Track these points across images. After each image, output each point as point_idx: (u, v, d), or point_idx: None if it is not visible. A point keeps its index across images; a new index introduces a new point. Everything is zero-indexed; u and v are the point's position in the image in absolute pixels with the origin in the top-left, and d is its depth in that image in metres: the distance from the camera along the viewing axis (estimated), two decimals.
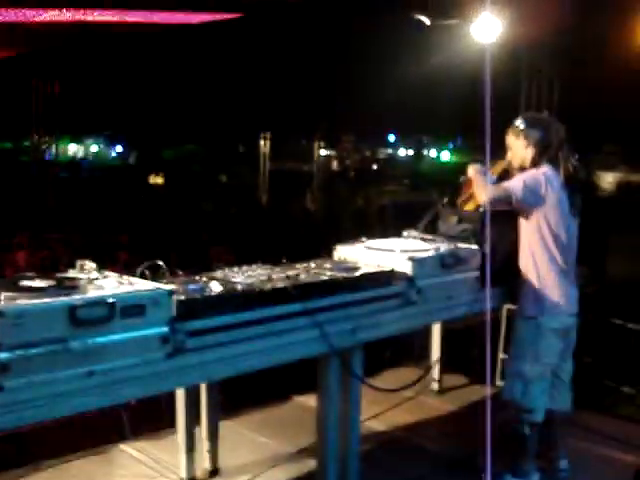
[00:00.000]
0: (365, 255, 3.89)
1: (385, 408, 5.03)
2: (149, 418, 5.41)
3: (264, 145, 23.66)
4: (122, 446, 4.43)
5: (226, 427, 4.37)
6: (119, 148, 40.14)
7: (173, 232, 12.43)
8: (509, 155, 4.14)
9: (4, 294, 2.44)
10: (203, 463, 4.09)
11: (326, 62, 16.85)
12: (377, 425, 4.84)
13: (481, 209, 4.16)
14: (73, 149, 39.39)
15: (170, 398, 3.97)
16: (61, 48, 13.96)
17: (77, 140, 39.11)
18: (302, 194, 21.57)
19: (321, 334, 3.23)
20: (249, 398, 5.24)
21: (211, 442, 4.08)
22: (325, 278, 3.40)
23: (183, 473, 3.99)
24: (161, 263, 3.42)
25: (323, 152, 28.10)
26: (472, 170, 4.08)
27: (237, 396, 5.00)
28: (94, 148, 41.92)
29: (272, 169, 23.95)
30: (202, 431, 4.06)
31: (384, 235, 4.34)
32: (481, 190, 3.95)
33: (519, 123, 4.09)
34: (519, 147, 4.06)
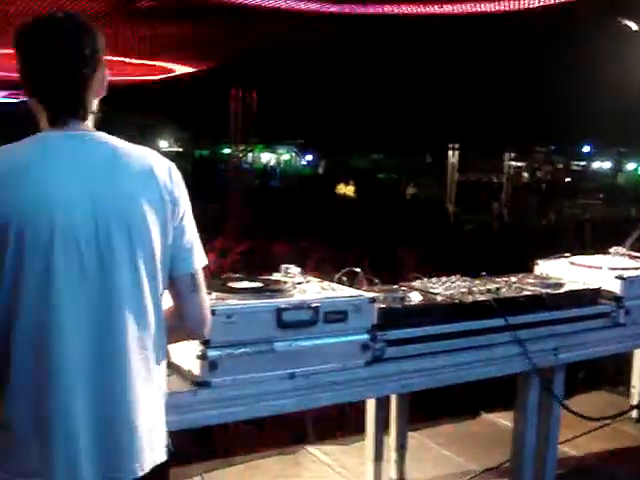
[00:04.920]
0: (569, 271, 3.72)
1: (579, 433, 4.76)
2: (337, 423, 5.47)
3: (452, 155, 23.43)
4: (309, 448, 4.49)
5: (413, 439, 4.32)
6: (309, 157, 41.25)
7: (365, 241, 12.51)
8: None
9: (215, 294, 2.53)
10: (389, 473, 4.05)
11: (519, 72, 16.43)
12: (571, 450, 4.59)
13: None
14: (266, 157, 40.85)
15: (359, 405, 3.97)
16: (259, 60, 14.55)
17: (270, 148, 40.55)
18: (490, 206, 21.15)
19: (523, 351, 3.12)
20: (437, 411, 5.16)
21: (398, 453, 4.03)
22: (528, 293, 3.28)
23: None
24: (358, 270, 3.44)
25: (513, 163, 27.46)
26: None
27: (425, 408, 4.93)
28: (285, 157, 43.27)
29: (459, 180, 23.65)
30: (390, 441, 4.02)
31: (582, 251, 4.14)
32: None
33: None
34: None
